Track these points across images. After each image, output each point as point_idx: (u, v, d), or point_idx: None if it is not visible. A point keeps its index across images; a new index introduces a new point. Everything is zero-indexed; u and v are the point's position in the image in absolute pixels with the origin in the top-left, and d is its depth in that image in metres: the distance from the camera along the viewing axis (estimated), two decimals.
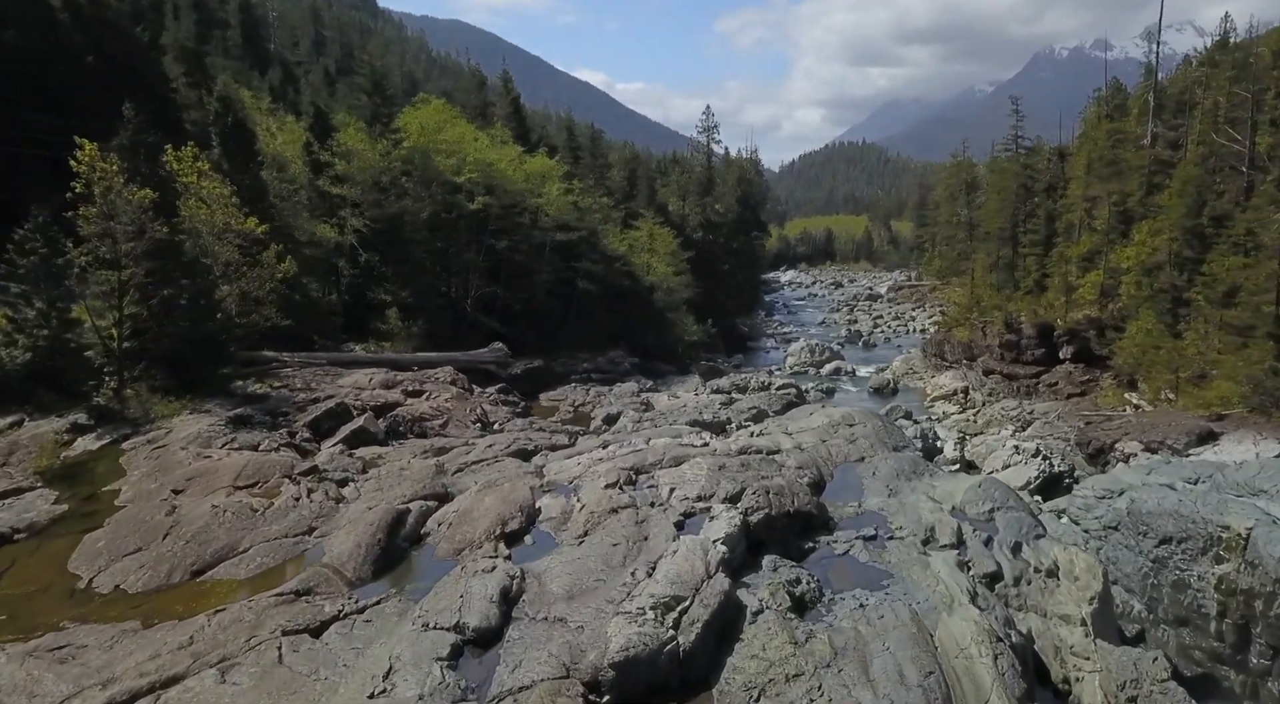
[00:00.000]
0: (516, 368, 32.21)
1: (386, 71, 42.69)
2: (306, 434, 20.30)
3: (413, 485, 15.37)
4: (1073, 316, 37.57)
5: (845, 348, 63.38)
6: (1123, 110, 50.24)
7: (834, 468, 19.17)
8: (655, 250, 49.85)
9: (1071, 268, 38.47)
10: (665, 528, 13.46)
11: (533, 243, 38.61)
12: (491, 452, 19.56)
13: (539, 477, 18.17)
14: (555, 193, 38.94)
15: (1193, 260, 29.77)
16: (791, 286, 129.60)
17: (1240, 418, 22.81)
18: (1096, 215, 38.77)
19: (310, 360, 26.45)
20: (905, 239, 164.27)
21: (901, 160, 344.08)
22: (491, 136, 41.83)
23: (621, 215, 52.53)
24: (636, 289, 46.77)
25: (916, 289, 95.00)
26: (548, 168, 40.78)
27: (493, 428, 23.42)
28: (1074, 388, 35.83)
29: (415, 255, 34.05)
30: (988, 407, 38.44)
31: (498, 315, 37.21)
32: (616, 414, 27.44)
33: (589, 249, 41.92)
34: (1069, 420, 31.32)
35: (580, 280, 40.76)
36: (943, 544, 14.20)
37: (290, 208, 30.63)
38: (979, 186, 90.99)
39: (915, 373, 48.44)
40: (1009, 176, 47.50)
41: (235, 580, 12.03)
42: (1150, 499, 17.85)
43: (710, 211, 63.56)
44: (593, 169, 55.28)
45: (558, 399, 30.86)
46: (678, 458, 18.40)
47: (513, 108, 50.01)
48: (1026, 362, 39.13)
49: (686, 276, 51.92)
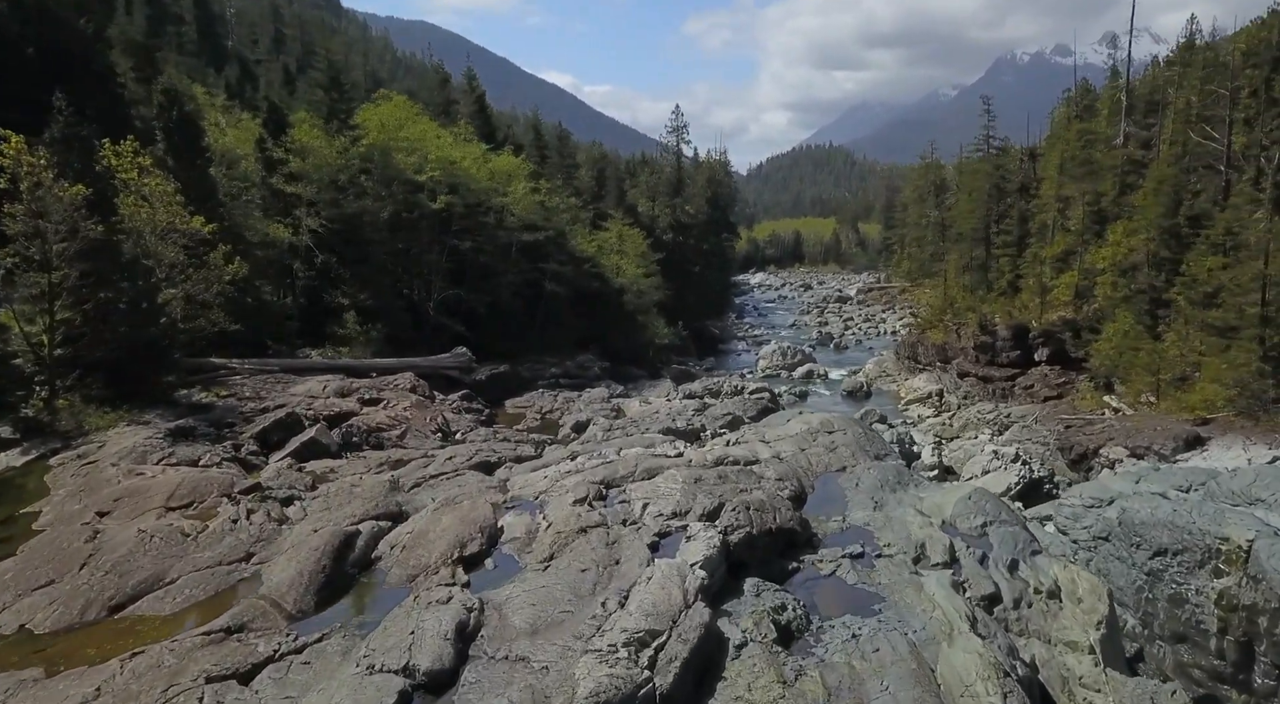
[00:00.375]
0: (481, 373, 30.99)
1: (344, 66, 41.20)
2: (253, 447, 18.99)
3: (364, 504, 14.18)
4: (1048, 318, 37.18)
5: (817, 350, 62.82)
6: (1091, 111, 50.23)
7: (815, 479, 18.27)
8: (625, 252, 48.85)
9: (1046, 269, 38.11)
10: (638, 550, 12.42)
11: (498, 243, 37.40)
12: (452, 464, 18.39)
13: (502, 492, 17.06)
14: (521, 192, 37.76)
15: (1170, 261, 29.41)
16: (761, 289, 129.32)
17: (1226, 422, 22.32)
18: (1070, 215, 38.45)
19: (262, 367, 25.05)
20: (873, 241, 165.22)
21: (868, 163, 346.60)
22: (455, 134, 40.54)
23: (590, 216, 51.46)
24: (606, 291, 45.73)
25: (886, 291, 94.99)
26: (513, 166, 39.60)
27: (454, 438, 22.23)
28: (1050, 390, 35.39)
29: (375, 257, 32.71)
30: (963, 410, 37.90)
31: (462, 318, 35.96)
32: (586, 421, 26.38)
33: (556, 250, 40.80)
34: (1047, 424, 30.80)
35: (547, 282, 39.63)
36: (935, 563, 13.32)
37: (241, 207, 29.14)
38: (948, 188, 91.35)
39: (888, 375, 47.90)
40: (981, 177, 47.20)
41: (159, 617, 10.78)
42: (1143, 509, 17.16)
43: (680, 213, 62.64)
44: (560, 169, 54.12)
45: (524, 406, 29.71)
46: (651, 470, 17.38)
47: (477, 106, 48.69)
48: (1002, 364, 38.67)
49: (657, 278, 50.98)
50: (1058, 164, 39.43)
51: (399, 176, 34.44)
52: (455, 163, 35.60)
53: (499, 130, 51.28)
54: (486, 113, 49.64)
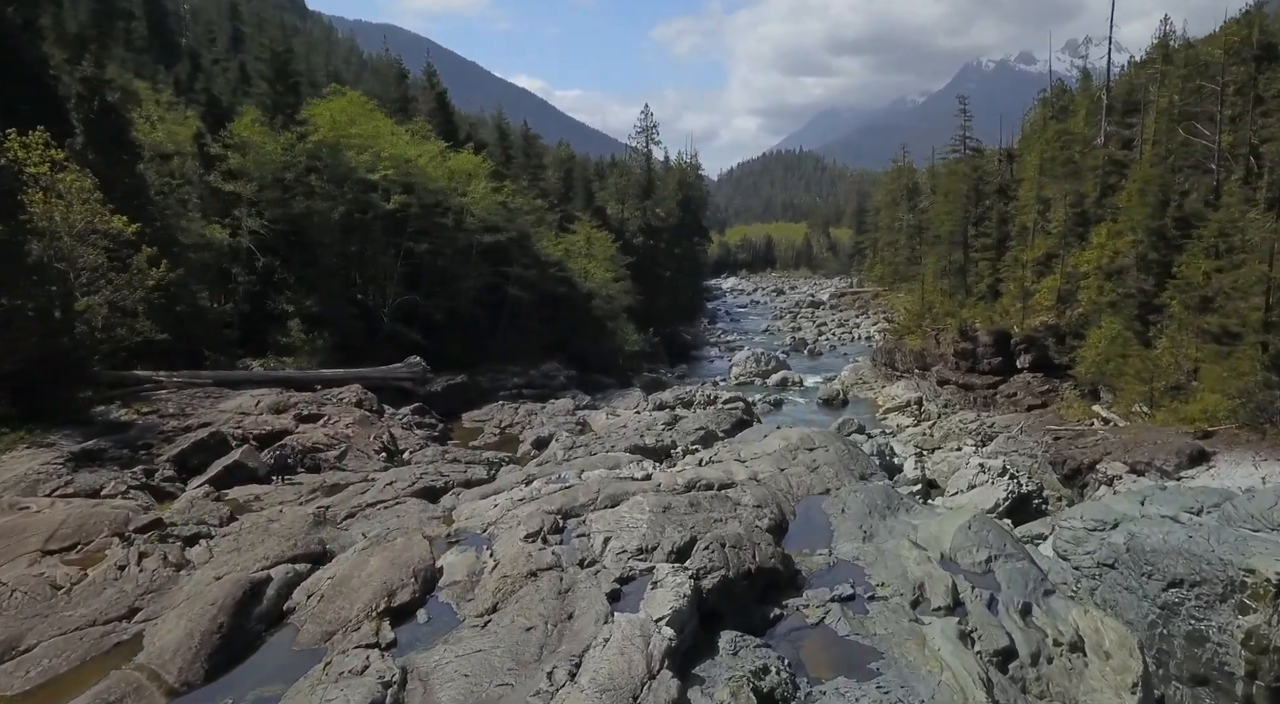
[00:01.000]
0: (436, 384, 29.03)
1: (292, 57, 39.06)
2: (169, 472, 16.96)
3: (281, 542, 12.26)
4: (1030, 323, 36.00)
5: (791, 356, 61.43)
6: (1067, 112, 49.40)
7: (796, 503, 16.59)
8: (593, 255, 47.07)
9: (1027, 272, 36.99)
10: (595, 600, 10.64)
11: (457, 246, 35.45)
12: (393, 490, 16.49)
13: (447, 522, 15.18)
14: (481, 191, 35.84)
15: (1159, 263, 28.28)
16: (733, 293, 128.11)
17: (1230, 435, 21.06)
18: (1051, 218, 37.39)
19: (192, 380, 22.92)
20: (844, 246, 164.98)
21: (838, 168, 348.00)
22: (412, 132, 38.55)
23: (557, 218, 49.62)
24: (573, 296, 43.90)
25: (859, 296, 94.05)
26: (473, 165, 37.66)
27: (401, 458, 20.31)
28: (1034, 399, 34.15)
29: (324, 260, 30.65)
30: (944, 419, 36.57)
31: (418, 325, 33.94)
32: (548, 437, 24.54)
33: (520, 253, 38.92)
34: (1034, 435, 29.47)
35: (510, 287, 37.72)
36: (936, 607, 11.69)
37: (173, 206, 26.94)
38: (921, 192, 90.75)
39: (865, 383, 46.55)
40: (958, 178, 46.09)
41: (2, 699, 8.80)
42: (1153, 534, 15.69)
43: (650, 215, 60.98)
44: (526, 169, 52.22)
45: (483, 419, 27.78)
46: (615, 496, 15.58)
47: (437, 103, 46.62)
48: (983, 371, 37.41)
49: (626, 283, 49.26)
50: (1037, 165, 38.37)
51: (350, 175, 32.40)
52: (411, 161, 33.62)
53: (461, 129, 49.32)
54: (448, 110, 47.60)
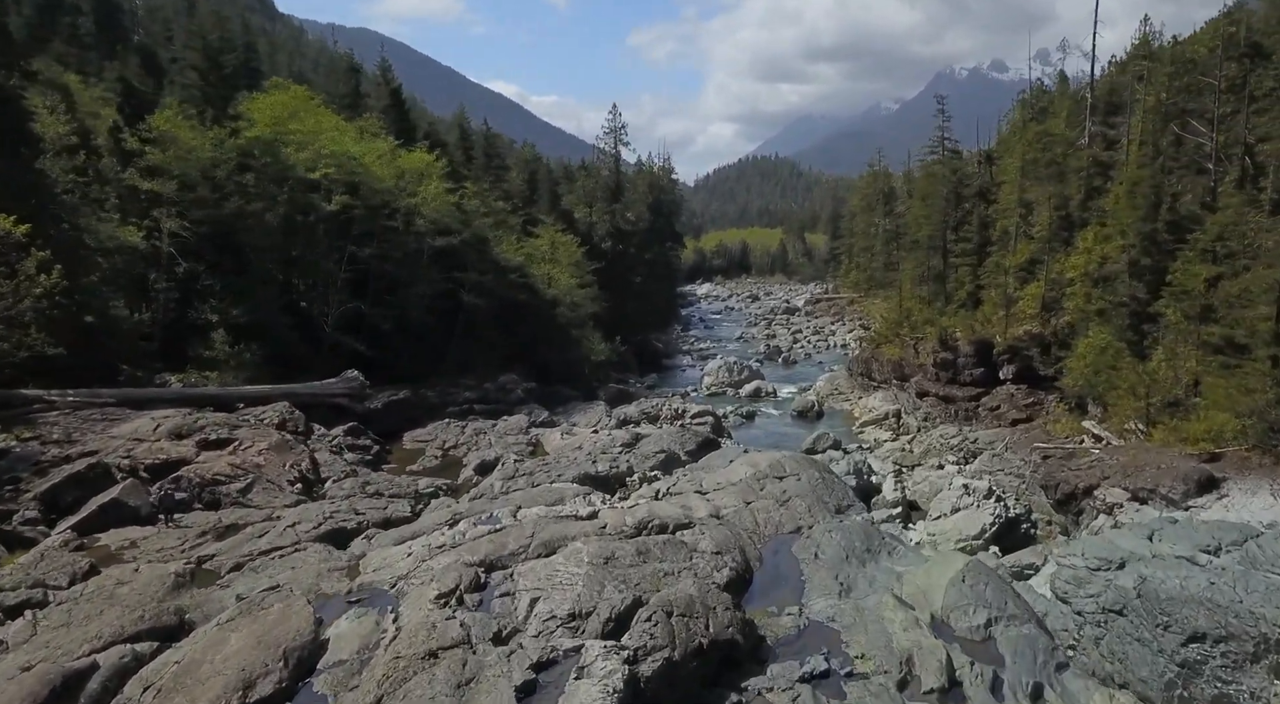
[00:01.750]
0: (377, 401, 26.69)
1: (225, 46, 36.55)
2: (33, 512, 14.52)
3: (125, 614, 9.94)
4: (1013, 333, 34.23)
5: (764, 365, 59.51)
6: (1047, 113, 47.90)
7: (763, 546, 14.45)
8: (558, 260, 44.84)
9: (1009, 279, 35.28)
10: (503, 695, 8.44)
11: (406, 250, 33.08)
12: (295, 534, 14.17)
13: (352, 574, 12.89)
14: (433, 192, 33.49)
15: (1152, 269, 26.56)
16: (708, 300, 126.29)
17: (1240, 458, 19.25)
18: (1034, 222, 35.71)
19: (90, 399, 20.42)
20: (819, 251, 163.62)
21: (813, 175, 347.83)
22: (361, 129, 36.14)
23: (520, 222, 47.33)
24: (536, 303, 41.62)
25: (834, 302, 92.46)
26: (425, 164, 35.28)
27: (318, 489, 17.95)
28: (1018, 412, 32.32)
29: (257, 266, 28.18)
30: (924, 433, 34.68)
31: (365, 336, 31.57)
32: (494, 460, 22.28)
33: (477, 258, 36.61)
34: (1020, 452, 27.61)
35: (466, 294, 35.39)
36: (928, 689, 9.60)
37: (82, 205, 24.35)
38: (897, 196, 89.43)
39: (841, 394, 44.63)
40: (937, 181, 44.33)
41: None
42: (1168, 579, 13.73)
43: (619, 219, 58.78)
44: (488, 171, 49.89)
45: (426, 439, 25.46)
46: (551, 542, 13.39)
47: (391, 100, 44.10)
48: (964, 382, 35.57)
49: (593, 289, 47.06)
50: (1018, 167, 36.73)
51: (289, 174, 29.98)
52: (356, 159, 31.25)
53: (420, 127, 46.81)
54: (403, 108, 45.02)
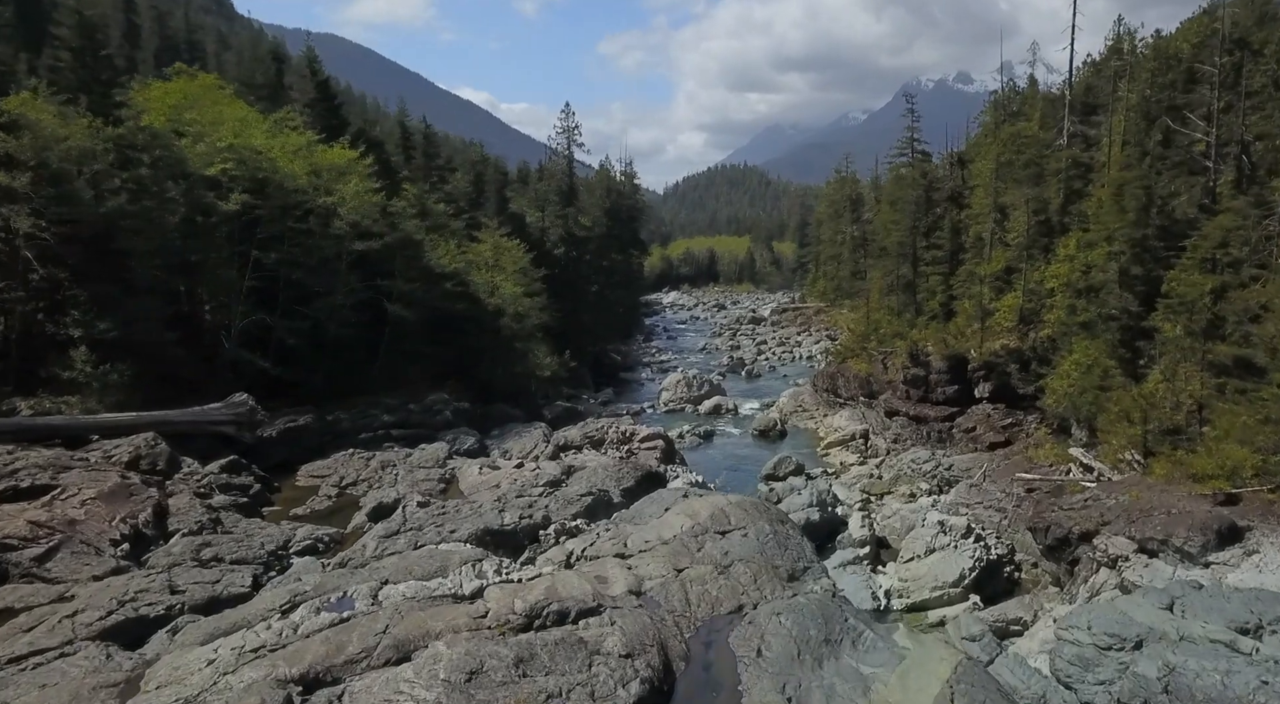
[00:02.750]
0: (272, 427, 23.20)
1: (99, 24, 32.88)
2: None
3: None
4: (989, 347, 31.56)
5: (727, 378, 56.59)
6: (1020, 115, 45.59)
7: (692, 634, 11.29)
8: (502, 267, 41.51)
9: (984, 289, 32.65)
10: None
11: (322, 255, 29.59)
12: (71, 627, 10.76)
13: (126, 695, 9.49)
14: (353, 191, 30.02)
15: (1143, 279, 23.98)
16: (673, 309, 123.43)
17: (1263, 502, 16.46)
18: (1010, 227, 33.15)
19: None
20: (787, 260, 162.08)
21: (782, 183, 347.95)
22: (278, 121, 32.62)
23: (463, 226, 43.97)
24: (476, 314, 38.25)
25: (801, 311, 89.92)
26: (347, 160, 31.83)
27: (155, 547, 14.51)
28: (996, 434, 29.57)
29: (140, 272, 24.58)
30: (894, 457, 31.86)
31: (273, 352, 28.09)
32: (395, 502, 18.93)
33: (406, 264, 33.18)
34: (1001, 481, 24.79)
35: (392, 304, 31.98)
36: None
37: None
38: (864, 203, 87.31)
39: (805, 411, 41.76)
40: (906, 185, 41.56)
41: None
42: (1205, 672, 10.77)
43: (573, 224, 55.49)
44: (427, 170, 46.46)
45: (324, 473, 22.04)
46: (408, 641, 10.20)
47: (319, 93, 40.33)
48: (936, 401, 32.81)
49: (542, 298, 43.80)
50: (992, 169, 34.18)
51: (181, 169, 26.43)
52: (261, 153, 27.75)
53: (353, 123, 43.16)
54: (332, 101, 41.25)
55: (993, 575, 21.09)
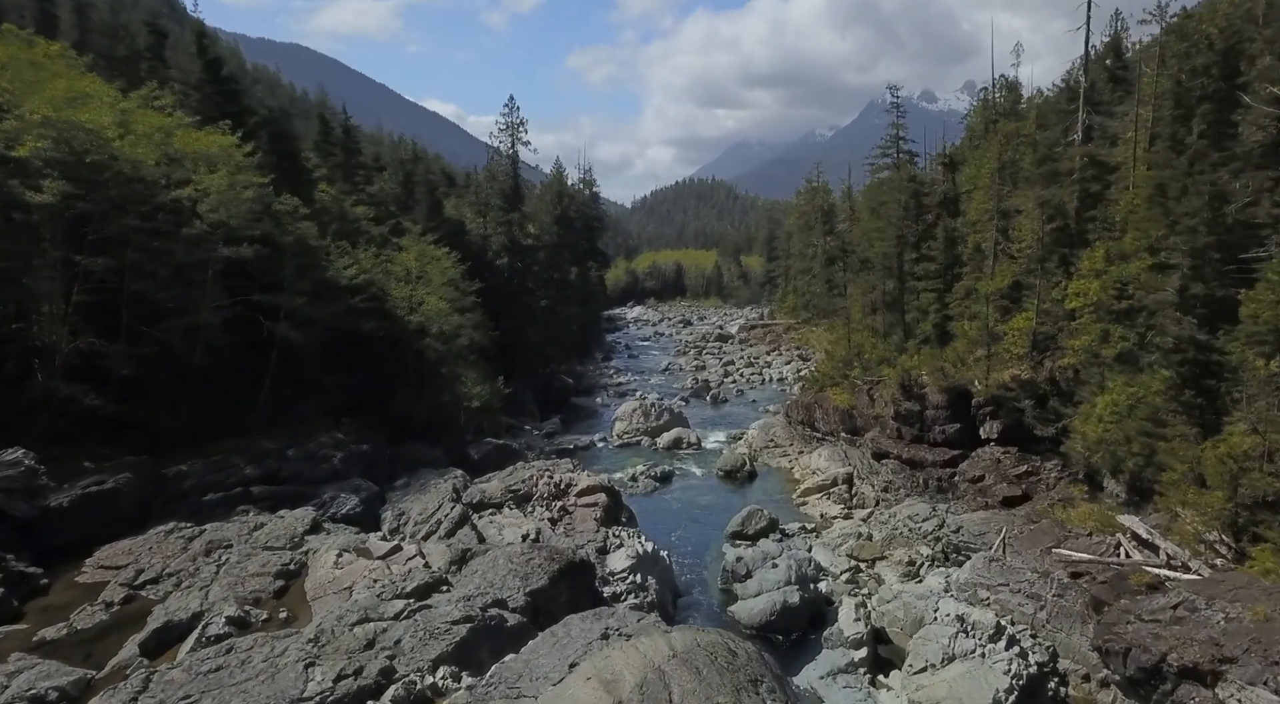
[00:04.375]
0: (61, 495, 17.14)
1: None
2: None
3: None
4: (996, 378, 26.49)
5: (690, 404, 51.08)
6: (1013, 115, 40.88)
7: None
8: (428, 278, 35.62)
9: (989, 309, 27.59)
10: None
11: (174, 262, 23.59)
12: None
13: None
14: (218, 183, 24.08)
15: (1204, 300, 18.94)
16: (638, 324, 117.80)
17: None
18: (1016, 236, 28.19)
19: None
20: (755, 274, 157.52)
21: (749, 198, 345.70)
22: (142, 100, 26.66)
23: (385, 232, 38.07)
24: (392, 333, 32.40)
25: (770, 329, 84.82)
26: (220, 147, 25.88)
27: None
28: (1009, 485, 24.37)
29: None
30: (885, 509, 26.50)
31: (114, 384, 22.07)
32: (194, 617, 13.07)
33: (296, 275, 27.28)
34: (1027, 554, 19.46)
35: (279, 324, 26.07)
36: None
37: None
38: (836, 215, 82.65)
39: (778, 447, 36.32)
40: (892, 189, 36.31)
41: None
42: None
43: (518, 231, 49.62)
44: (346, 168, 40.50)
45: (119, 563, 16.03)
46: None
47: (208, 73, 33.67)
48: (934, 441, 27.61)
49: (476, 314, 38.05)
50: (993, 169, 29.24)
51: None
52: (93, 132, 21.83)
53: (257, 112, 36.83)
54: (225, 84, 34.50)
55: (1033, 695, 15.76)
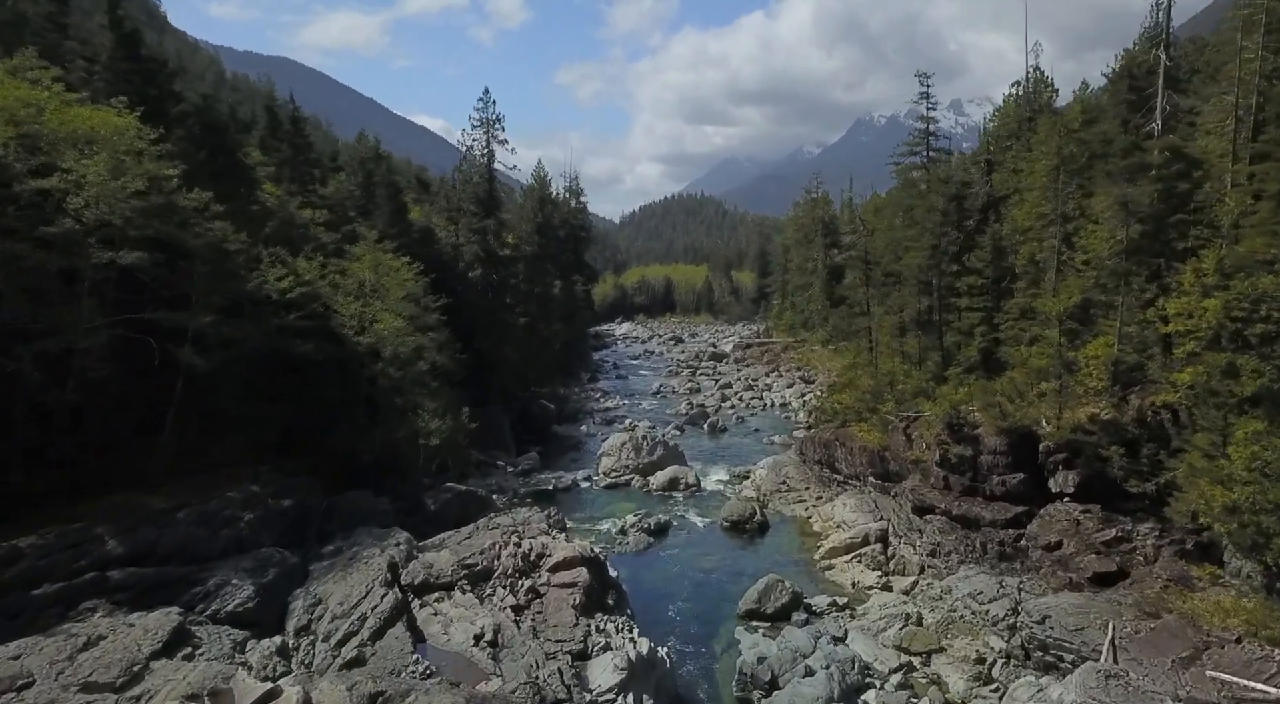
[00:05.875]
0: None
1: None
2: None
3: None
4: (1069, 417, 21.64)
5: (685, 433, 45.98)
6: (1049, 109, 36.19)
7: None
8: (384, 291, 30.43)
9: (1057, 332, 22.68)
10: None
11: (27, 268, 18.36)
12: None
13: None
14: (94, 171, 18.94)
15: None
16: (626, 341, 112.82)
17: None
18: (1083, 245, 23.31)
19: None
20: (747, 290, 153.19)
21: (738, 214, 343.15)
22: (12, 69, 21.58)
23: (337, 238, 32.92)
24: (339, 357, 27.24)
25: (767, 347, 79.97)
26: (111, 129, 20.72)
27: None
28: (1097, 557, 19.36)
29: None
30: (934, 578, 21.45)
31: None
32: None
33: (211, 287, 22.08)
34: (1153, 665, 14.40)
35: (185, 349, 20.85)
36: None
37: None
38: (839, 227, 78.08)
39: (791, 490, 31.24)
40: (930, 190, 31.06)
41: None
42: None
43: (493, 240, 44.29)
44: (294, 166, 35.34)
45: None
46: None
47: (123, 50, 28.21)
48: (992, 494, 22.66)
49: (442, 333, 32.95)
50: (1053, 165, 24.46)
51: None
52: None
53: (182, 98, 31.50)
54: (146, 67, 29.14)
55: None
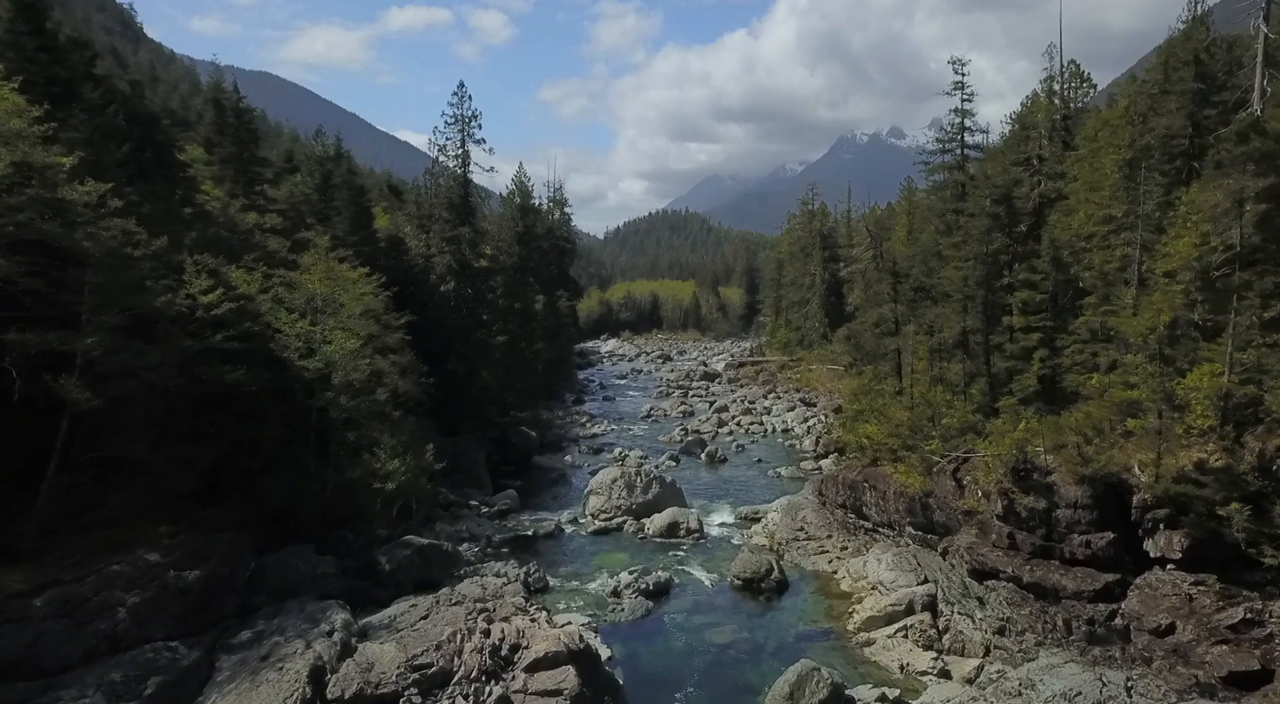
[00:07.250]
0: None
1: None
2: None
3: None
4: (1170, 463, 17.64)
5: (682, 463, 41.70)
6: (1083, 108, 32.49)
7: None
8: (339, 306, 26.05)
9: (1142, 360, 18.76)
10: None
11: None
12: None
13: None
14: None
15: None
16: (612, 359, 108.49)
17: None
18: (1168, 251, 19.39)
19: None
20: (735, 306, 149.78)
21: (723, 230, 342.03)
22: None
23: (287, 246, 28.60)
24: (281, 385, 22.89)
25: (762, 366, 75.98)
26: None
27: None
28: (1227, 648, 15.26)
29: None
30: (1004, 666, 17.22)
31: None
32: None
33: (106, 302, 17.73)
34: None
35: (71, 383, 16.46)
36: None
37: None
38: (835, 241, 74.54)
39: (811, 539, 26.94)
40: (973, 191, 26.75)
41: None
42: None
43: (468, 250, 39.81)
44: (236, 162, 31.01)
45: None
46: None
47: (23, 24, 23.97)
48: (1072, 557, 18.56)
49: (406, 355, 28.67)
50: (1124, 159, 20.62)
51: None
52: None
53: (100, 82, 27.08)
54: (48, 40, 24.69)
55: None
